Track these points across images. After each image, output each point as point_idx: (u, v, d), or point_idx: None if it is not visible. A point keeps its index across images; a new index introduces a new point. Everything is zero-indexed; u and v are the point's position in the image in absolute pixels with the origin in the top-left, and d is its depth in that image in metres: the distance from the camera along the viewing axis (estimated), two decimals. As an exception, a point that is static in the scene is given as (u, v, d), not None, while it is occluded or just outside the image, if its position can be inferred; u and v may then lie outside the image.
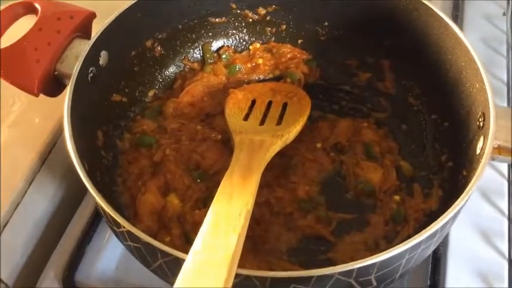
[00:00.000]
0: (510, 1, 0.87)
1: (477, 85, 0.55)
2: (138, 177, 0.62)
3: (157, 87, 0.71)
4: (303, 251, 0.58)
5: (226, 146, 0.65)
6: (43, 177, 0.66)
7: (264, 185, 0.61)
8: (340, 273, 0.43)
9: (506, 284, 0.61)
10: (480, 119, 0.54)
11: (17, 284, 0.64)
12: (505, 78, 0.79)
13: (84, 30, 0.61)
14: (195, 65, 0.73)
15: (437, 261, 0.62)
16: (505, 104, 0.77)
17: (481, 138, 0.52)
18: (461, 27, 0.85)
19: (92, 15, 0.62)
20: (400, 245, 0.44)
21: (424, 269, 0.62)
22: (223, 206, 0.48)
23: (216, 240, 0.43)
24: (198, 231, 0.45)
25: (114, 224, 0.48)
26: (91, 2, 0.64)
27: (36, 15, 0.59)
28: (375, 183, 0.62)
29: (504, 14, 0.87)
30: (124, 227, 0.45)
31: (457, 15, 0.87)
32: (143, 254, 0.47)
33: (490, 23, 0.86)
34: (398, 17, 0.65)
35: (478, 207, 0.66)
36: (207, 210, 0.47)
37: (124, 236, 0.47)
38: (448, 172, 0.60)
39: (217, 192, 0.50)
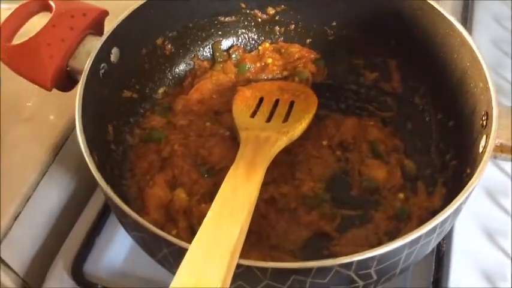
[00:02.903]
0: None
1: (481, 84, 0.56)
2: (147, 171, 0.63)
3: (167, 84, 0.72)
4: (307, 246, 0.59)
5: (234, 142, 0.66)
6: (55, 171, 0.68)
7: (270, 181, 0.62)
8: (339, 265, 0.44)
9: (509, 283, 0.61)
10: (483, 118, 0.54)
11: (27, 274, 0.66)
12: (512, 79, 0.80)
13: (96, 28, 0.63)
14: (205, 64, 0.74)
15: (440, 258, 0.63)
16: (512, 105, 0.77)
17: (484, 137, 0.53)
18: (470, 28, 0.86)
19: (105, 13, 0.63)
20: (399, 239, 0.44)
21: (427, 266, 0.62)
22: (227, 198, 0.49)
23: (219, 230, 0.45)
24: (204, 224, 0.46)
25: (120, 214, 0.49)
26: (104, 0, 0.66)
27: (51, 13, 0.61)
28: (380, 181, 0.63)
29: (514, 16, 0.87)
30: (130, 217, 0.47)
31: (466, 16, 0.87)
32: (148, 244, 0.49)
33: (499, 25, 0.86)
34: (404, 16, 0.66)
35: (482, 206, 0.67)
36: (213, 205, 0.48)
37: (130, 226, 0.49)
38: (452, 171, 0.61)
39: (222, 185, 0.51)
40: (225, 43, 0.75)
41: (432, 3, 0.62)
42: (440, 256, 0.63)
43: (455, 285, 0.61)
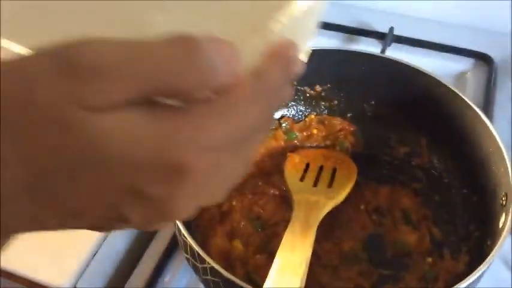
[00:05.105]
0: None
1: (502, 169, 0.65)
2: (209, 222, 0.73)
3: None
4: (345, 299, 0.68)
5: (283, 200, 0.76)
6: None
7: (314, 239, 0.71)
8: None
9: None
10: (503, 198, 0.64)
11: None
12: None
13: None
14: (258, 130, 0.85)
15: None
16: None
17: (503, 215, 0.62)
18: (492, 110, 0.96)
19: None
20: (433, 298, 0.53)
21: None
22: (287, 255, 0.58)
23: (284, 282, 0.54)
24: (258, 272, 0.55)
25: (198, 260, 0.58)
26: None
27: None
28: (411, 246, 0.72)
29: (531, 101, 0.97)
30: (209, 263, 0.56)
31: (488, 99, 0.97)
32: (220, 288, 0.58)
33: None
34: (435, 102, 0.76)
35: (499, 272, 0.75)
36: (267, 255, 0.58)
37: (205, 271, 0.58)
38: (474, 240, 0.70)
39: (281, 243, 0.60)
40: (277, 113, 0.86)
41: (461, 95, 0.73)
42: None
43: None
